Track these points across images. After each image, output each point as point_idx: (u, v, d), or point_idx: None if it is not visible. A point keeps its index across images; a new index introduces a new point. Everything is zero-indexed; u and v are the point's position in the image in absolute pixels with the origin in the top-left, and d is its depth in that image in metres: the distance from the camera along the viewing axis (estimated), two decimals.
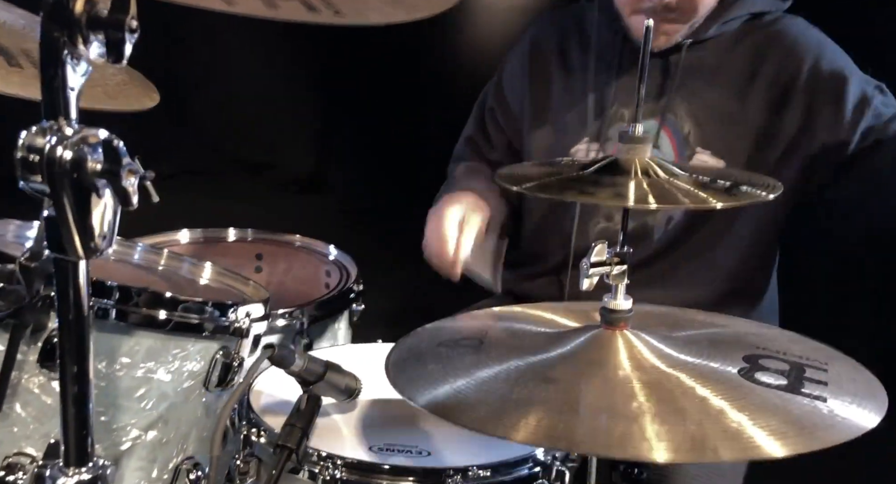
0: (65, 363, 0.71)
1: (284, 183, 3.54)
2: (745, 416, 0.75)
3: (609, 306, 0.89)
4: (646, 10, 1.45)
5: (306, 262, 1.90)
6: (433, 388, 0.83)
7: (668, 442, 0.72)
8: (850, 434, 0.75)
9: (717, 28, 1.50)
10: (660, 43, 1.49)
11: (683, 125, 1.50)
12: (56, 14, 0.65)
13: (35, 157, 0.65)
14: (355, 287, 1.69)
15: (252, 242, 1.94)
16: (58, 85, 0.67)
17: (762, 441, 0.73)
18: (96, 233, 0.68)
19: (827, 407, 0.77)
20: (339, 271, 1.81)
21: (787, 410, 0.76)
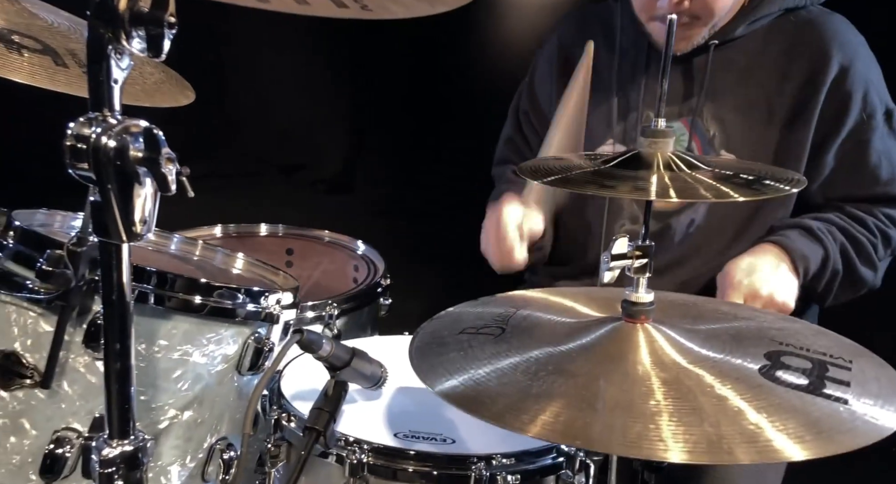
0: (108, 340, 0.75)
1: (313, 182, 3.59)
2: (763, 417, 0.74)
3: (630, 299, 0.90)
4: (660, 18, 1.45)
5: (335, 256, 1.94)
6: (454, 377, 0.84)
7: (684, 443, 0.72)
8: (872, 438, 0.73)
9: (746, 27, 1.47)
10: (680, 47, 1.47)
11: (709, 128, 1.49)
12: (102, 12, 0.70)
13: (82, 146, 0.69)
14: (383, 281, 1.72)
15: (283, 238, 1.99)
16: (103, 78, 0.71)
17: (780, 444, 0.72)
18: (137, 218, 0.72)
19: (848, 409, 0.76)
20: (366, 266, 1.84)
21: (807, 413, 0.75)
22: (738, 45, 1.48)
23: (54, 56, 1.37)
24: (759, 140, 1.47)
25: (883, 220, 1.48)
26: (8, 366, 0.95)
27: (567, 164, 0.95)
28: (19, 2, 1.45)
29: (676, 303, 1.04)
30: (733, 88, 1.48)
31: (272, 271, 1.30)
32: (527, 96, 1.74)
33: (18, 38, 1.35)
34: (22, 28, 1.39)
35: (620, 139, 1.56)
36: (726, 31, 1.47)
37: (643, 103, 1.53)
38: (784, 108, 1.45)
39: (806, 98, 1.44)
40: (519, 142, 1.77)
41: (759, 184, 0.84)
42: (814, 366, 0.85)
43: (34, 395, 0.96)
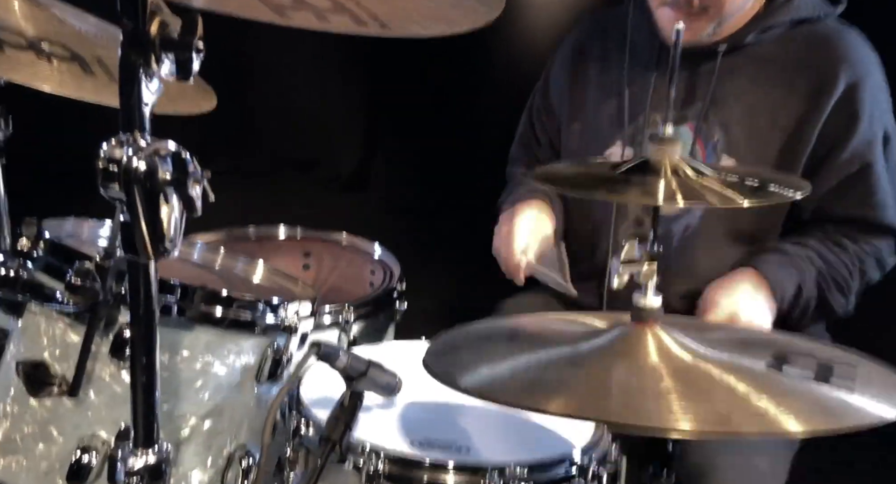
0: (135, 354, 0.78)
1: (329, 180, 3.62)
2: (770, 397, 0.77)
3: (639, 303, 0.92)
4: (670, 3, 1.45)
5: (352, 260, 1.96)
6: (468, 372, 0.87)
7: (693, 415, 0.75)
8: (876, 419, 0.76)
9: (756, 35, 1.48)
10: (685, 38, 1.48)
11: (713, 132, 1.50)
12: (134, 37, 0.72)
13: (113, 168, 0.72)
14: (398, 287, 1.75)
15: (301, 241, 2.01)
16: (134, 101, 0.74)
17: (785, 420, 0.75)
18: (165, 237, 0.75)
19: (854, 395, 0.79)
20: (383, 270, 1.86)
21: (814, 396, 0.79)
22: (747, 52, 1.49)
23: (82, 64, 1.40)
24: (761, 148, 1.48)
25: (865, 250, 1.49)
26: (37, 375, 0.98)
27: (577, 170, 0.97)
28: (48, 8, 1.48)
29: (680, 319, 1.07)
30: (739, 95, 1.49)
31: (291, 280, 1.33)
32: (540, 94, 1.77)
33: (48, 47, 1.39)
34: (52, 36, 1.42)
35: (629, 141, 1.57)
36: (737, 38, 1.49)
37: (651, 105, 1.55)
38: (787, 120, 1.47)
39: (809, 112, 1.45)
40: (530, 140, 1.80)
41: (765, 190, 0.86)
42: (819, 366, 0.87)
43: (62, 403, 1.00)
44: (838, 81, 1.44)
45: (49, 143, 2.15)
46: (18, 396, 1.02)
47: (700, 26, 1.45)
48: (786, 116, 1.46)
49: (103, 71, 1.40)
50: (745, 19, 1.50)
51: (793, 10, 1.48)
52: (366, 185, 3.72)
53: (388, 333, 1.72)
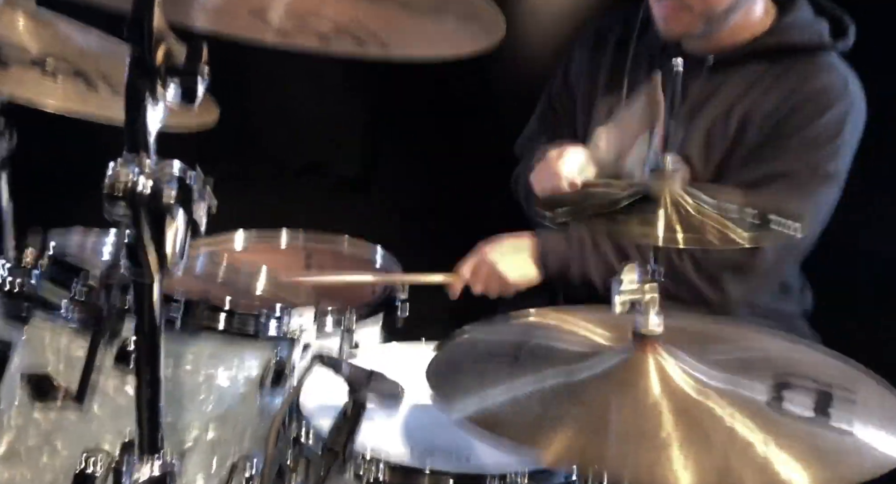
0: (140, 369, 0.80)
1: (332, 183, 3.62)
2: (771, 448, 0.78)
3: (641, 328, 0.93)
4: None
5: (353, 266, 1.97)
6: (470, 403, 0.88)
7: (695, 473, 0.75)
8: (877, 468, 0.77)
9: (749, 54, 1.51)
10: (676, 32, 1.52)
11: (676, 139, 1.52)
12: (140, 63, 0.74)
13: (119, 189, 0.73)
14: (400, 293, 1.76)
15: (303, 246, 2.02)
16: (139, 126, 0.75)
17: (787, 476, 0.75)
18: (169, 256, 0.76)
19: (853, 440, 0.80)
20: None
21: (814, 444, 0.79)
22: (735, 69, 1.53)
23: (87, 79, 1.42)
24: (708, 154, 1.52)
25: None
26: (41, 386, 0.99)
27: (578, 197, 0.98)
28: (53, 25, 1.49)
29: (685, 327, 1.07)
30: (712, 107, 1.53)
31: (294, 290, 1.34)
32: (560, 80, 1.80)
33: (53, 63, 1.40)
34: (55, 52, 1.44)
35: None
36: (730, 53, 1.52)
37: None
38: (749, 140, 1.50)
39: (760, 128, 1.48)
40: (550, 116, 1.83)
41: (765, 225, 0.87)
42: (819, 397, 0.88)
43: (66, 415, 1.01)
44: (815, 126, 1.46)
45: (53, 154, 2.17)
46: (23, 408, 1.03)
47: (689, 21, 1.49)
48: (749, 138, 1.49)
49: (107, 86, 1.42)
50: (750, 32, 1.52)
51: (784, 34, 1.51)
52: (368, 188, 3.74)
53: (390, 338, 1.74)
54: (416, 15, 0.82)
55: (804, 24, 1.52)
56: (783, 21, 1.52)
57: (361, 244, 1.94)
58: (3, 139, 1.54)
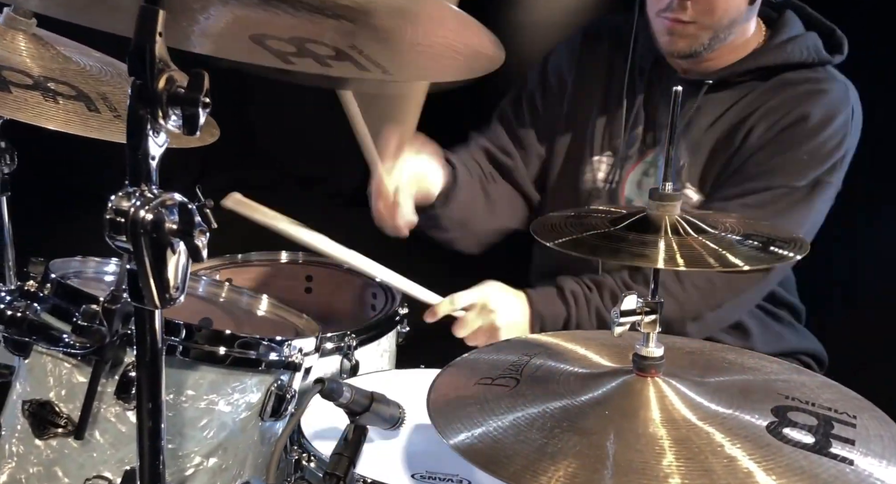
0: (141, 399, 0.79)
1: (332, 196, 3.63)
2: (772, 479, 0.77)
3: (641, 353, 0.93)
4: (664, 8, 1.48)
5: (353, 283, 1.97)
6: (472, 434, 0.87)
7: None
8: None
9: (747, 74, 1.52)
10: (679, 47, 1.51)
11: (680, 158, 1.54)
12: (142, 93, 0.74)
13: (121, 219, 0.74)
14: (400, 310, 1.76)
15: (303, 265, 2.02)
16: (141, 155, 0.75)
17: None
18: (171, 285, 0.76)
19: (854, 470, 0.79)
20: (384, 293, 1.88)
21: (814, 475, 0.78)
22: (733, 90, 1.54)
23: (87, 101, 1.42)
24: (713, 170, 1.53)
25: None
26: (43, 415, 0.99)
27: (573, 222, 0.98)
28: (54, 46, 1.50)
29: (684, 351, 1.07)
30: (714, 128, 1.53)
31: (295, 314, 1.35)
32: (537, 80, 1.76)
33: (54, 85, 1.41)
34: (56, 74, 1.44)
35: (614, 152, 1.62)
36: (724, 74, 1.53)
37: (640, 122, 1.59)
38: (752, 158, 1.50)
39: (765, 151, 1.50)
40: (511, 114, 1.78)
41: (766, 251, 0.87)
42: (819, 423, 0.87)
43: (67, 443, 1.01)
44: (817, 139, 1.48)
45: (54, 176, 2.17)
46: (24, 436, 1.03)
47: (693, 36, 1.48)
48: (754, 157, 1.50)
49: (108, 108, 1.42)
50: (741, 52, 1.54)
51: (783, 53, 1.52)
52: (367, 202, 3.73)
53: (390, 356, 1.74)
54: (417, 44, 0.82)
55: (799, 41, 1.53)
56: (777, 39, 1.53)
57: None
58: (3, 160, 1.55)
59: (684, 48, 1.50)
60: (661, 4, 1.48)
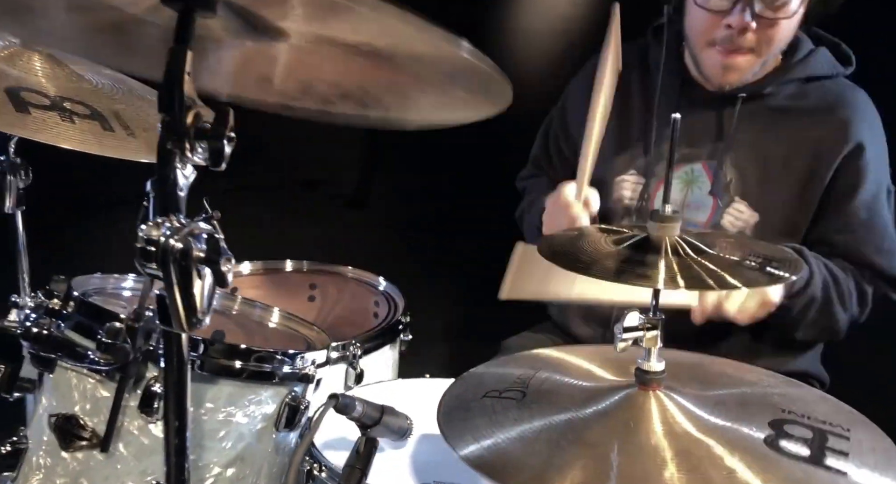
0: (168, 417, 0.84)
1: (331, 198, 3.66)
2: None
3: (643, 368, 0.97)
4: (720, 40, 1.49)
5: (356, 291, 2.01)
6: (481, 445, 0.91)
7: None
8: None
9: (776, 87, 1.56)
10: (731, 79, 1.53)
11: (727, 173, 1.56)
12: (171, 128, 0.78)
13: (152, 248, 0.77)
14: (403, 319, 1.80)
15: (307, 273, 2.06)
16: (170, 187, 0.79)
17: None
18: (198, 309, 0.80)
19: (847, 482, 0.83)
20: (387, 302, 1.92)
21: None
22: (764, 102, 1.57)
23: (102, 121, 1.46)
24: (772, 192, 1.55)
25: (866, 278, 1.56)
26: (68, 428, 1.03)
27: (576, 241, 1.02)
28: (67, 65, 1.54)
29: (685, 364, 1.11)
30: (755, 140, 1.56)
31: (306, 326, 1.38)
32: (558, 121, 1.83)
33: (69, 105, 1.44)
34: (71, 93, 1.48)
35: (642, 172, 1.64)
36: (756, 88, 1.56)
37: (666, 140, 1.60)
38: (800, 165, 1.54)
39: (820, 162, 1.53)
40: (544, 162, 1.86)
41: (764, 270, 0.91)
42: (814, 435, 0.91)
43: (93, 456, 1.04)
44: (849, 137, 1.52)
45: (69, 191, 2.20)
46: (51, 449, 1.06)
47: (748, 67, 1.51)
48: (798, 164, 1.54)
49: (121, 126, 1.46)
50: (764, 71, 1.57)
51: (809, 68, 1.57)
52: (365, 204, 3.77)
53: (394, 363, 1.78)
54: (424, 85, 0.86)
55: (817, 56, 1.58)
56: (797, 55, 1.57)
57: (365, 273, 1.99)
58: (18, 175, 1.58)
59: (735, 80, 1.53)
60: (713, 35, 1.49)
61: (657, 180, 1.63)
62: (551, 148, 1.84)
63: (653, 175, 1.62)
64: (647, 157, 1.63)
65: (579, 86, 1.79)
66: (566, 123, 1.81)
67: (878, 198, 1.56)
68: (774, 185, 1.55)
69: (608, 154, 1.68)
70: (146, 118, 1.51)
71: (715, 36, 1.49)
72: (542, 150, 1.87)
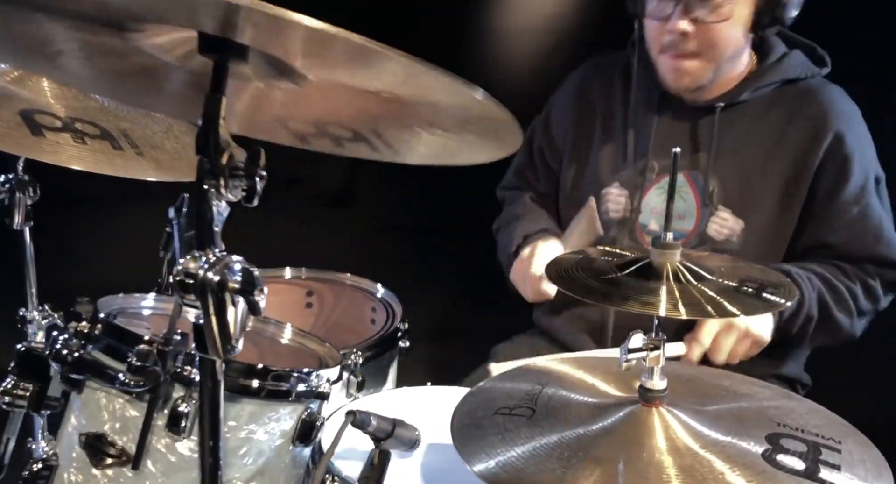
0: (203, 439, 0.88)
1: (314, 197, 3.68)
2: None
3: (646, 386, 1.03)
4: (667, 46, 1.56)
5: (353, 298, 2.04)
6: (496, 462, 0.96)
7: None
8: None
9: (750, 93, 1.60)
10: (685, 83, 1.59)
11: (709, 183, 1.61)
12: (207, 168, 0.82)
13: (190, 281, 0.82)
14: (401, 326, 1.84)
15: (305, 280, 2.09)
16: (207, 222, 0.84)
17: None
18: (232, 336, 0.85)
19: None
20: (384, 308, 1.95)
21: None
22: (741, 109, 1.62)
23: (111, 140, 1.49)
24: (755, 198, 1.60)
25: (868, 272, 1.59)
26: (98, 446, 1.07)
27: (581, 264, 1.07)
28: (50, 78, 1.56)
29: (683, 378, 1.17)
30: (735, 148, 1.61)
31: (318, 342, 1.43)
32: (541, 133, 1.86)
33: (80, 126, 1.47)
34: (80, 113, 1.51)
35: (626, 184, 1.69)
36: (732, 96, 1.61)
37: (652, 150, 1.66)
38: (782, 169, 1.58)
39: (803, 160, 1.57)
40: (528, 173, 1.90)
41: (760, 297, 0.97)
42: (809, 449, 0.97)
43: (122, 473, 1.09)
44: (827, 132, 1.56)
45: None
46: (82, 466, 1.10)
47: (698, 71, 1.56)
48: (779, 167, 1.58)
49: (129, 145, 1.49)
50: (739, 78, 1.62)
51: (783, 71, 1.61)
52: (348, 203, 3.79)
53: (391, 368, 1.83)
54: (437, 129, 0.90)
55: (791, 58, 1.63)
56: (770, 59, 1.62)
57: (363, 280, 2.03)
58: (26, 192, 1.61)
59: (690, 84, 1.59)
60: (662, 42, 1.56)
61: (640, 192, 1.67)
62: (536, 160, 1.88)
63: (636, 187, 1.67)
64: (629, 170, 1.68)
65: (561, 102, 1.84)
66: (551, 137, 1.84)
67: (866, 189, 1.58)
68: (756, 191, 1.59)
69: (593, 167, 1.73)
70: (152, 136, 1.54)
71: (663, 42, 1.56)
72: (527, 161, 1.90)
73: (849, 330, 1.60)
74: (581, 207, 1.69)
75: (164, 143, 1.57)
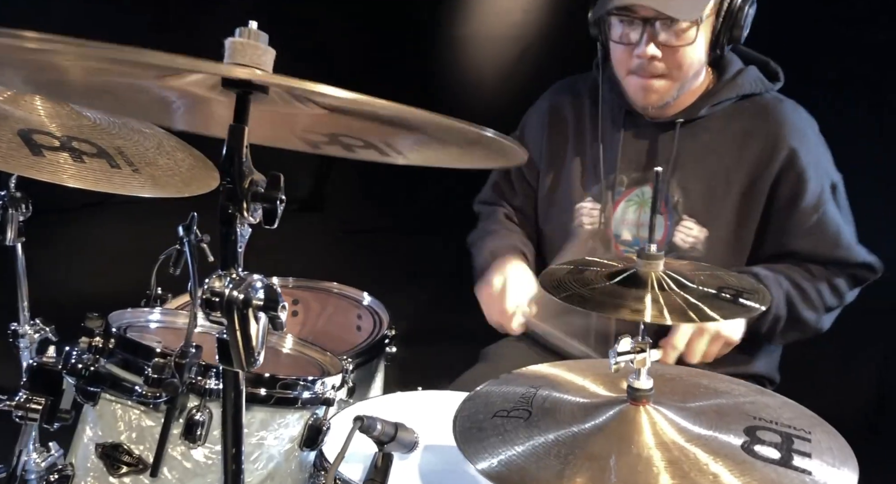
0: (226, 446, 0.94)
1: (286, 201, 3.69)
2: None
3: (634, 386, 1.11)
4: (635, 69, 1.64)
5: (339, 306, 2.09)
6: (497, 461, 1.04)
7: None
8: None
9: (709, 109, 1.70)
10: (652, 100, 1.67)
11: (673, 194, 1.70)
12: (231, 194, 0.88)
13: (216, 299, 0.87)
14: (389, 332, 1.90)
15: (292, 289, 2.14)
16: (231, 243, 0.89)
17: None
18: (255, 350, 0.90)
19: (812, 479, 0.98)
20: (371, 316, 2.01)
21: None
22: (701, 123, 1.71)
23: (108, 158, 1.52)
24: (717, 208, 1.69)
25: (833, 271, 1.70)
26: (115, 456, 1.11)
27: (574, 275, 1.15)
28: (66, 103, 1.59)
29: (665, 378, 1.26)
30: (696, 160, 1.70)
31: (319, 352, 1.48)
32: None
33: (77, 144, 1.49)
34: (75, 132, 1.53)
35: (598, 198, 1.77)
36: (691, 112, 1.70)
37: (619, 166, 1.75)
38: (740, 180, 1.68)
39: (760, 172, 1.67)
40: (504, 187, 1.97)
41: (737, 302, 1.06)
42: (782, 440, 1.06)
43: (140, 480, 1.13)
44: (781, 149, 1.66)
45: None
46: (99, 474, 1.15)
47: (665, 89, 1.65)
48: (738, 178, 1.67)
49: (126, 163, 1.52)
50: (697, 94, 1.72)
51: (738, 87, 1.71)
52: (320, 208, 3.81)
53: (381, 375, 1.89)
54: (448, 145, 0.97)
55: (746, 74, 1.72)
56: (726, 75, 1.72)
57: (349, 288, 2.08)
58: (19, 209, 1.64)
59: (656, 101, 1.68)
60: (630, 66, 1.65)
61: (611, 206, 1.76)
62: (513, 175, 1.95)
63: (606, 201, 1.75)
64: (600, 185, 1.77)
65: (534, 120, 1.91)
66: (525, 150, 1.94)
67: (823, 197, 1.68)
68: (718, 201, 1.69)
69: (567, 182, 1.82)
70: (145, 153, 1.57)
71: (630, 65, 1.65)
72: (503, 178, 1.98)
73: (816, 326, 1.71)
74: (557, 221, 1.77)
75: (157, 160, 1.59)
